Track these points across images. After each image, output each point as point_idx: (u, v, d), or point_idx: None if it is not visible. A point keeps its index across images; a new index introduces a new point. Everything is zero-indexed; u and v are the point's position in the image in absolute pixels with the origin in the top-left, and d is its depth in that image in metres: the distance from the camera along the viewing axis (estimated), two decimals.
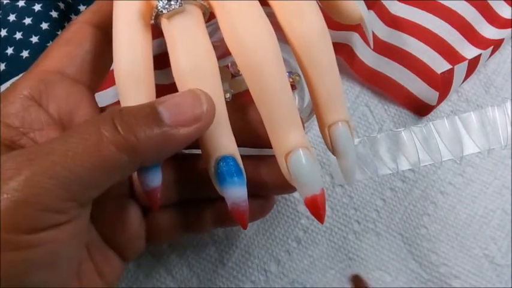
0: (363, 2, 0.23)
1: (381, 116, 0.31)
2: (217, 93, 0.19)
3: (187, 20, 0.20)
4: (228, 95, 0.28)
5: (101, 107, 0.23)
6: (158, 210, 0.23)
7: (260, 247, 0.28)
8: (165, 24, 0.20)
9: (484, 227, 0.29)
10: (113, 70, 0.21)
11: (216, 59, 0.20)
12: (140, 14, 0.21)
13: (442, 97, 0.30)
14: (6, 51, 0.28)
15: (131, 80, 0.20)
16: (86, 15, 0.23)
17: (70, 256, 0.18)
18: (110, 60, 0.21)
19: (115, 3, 0.21)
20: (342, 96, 0.20)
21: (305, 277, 0.28)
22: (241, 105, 0.22)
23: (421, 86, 0.30)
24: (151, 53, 0.21)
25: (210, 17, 0.21)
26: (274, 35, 0.19)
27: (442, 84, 0.29)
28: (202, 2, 0.20)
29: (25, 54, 0.29)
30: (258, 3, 0.20)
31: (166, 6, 0.19)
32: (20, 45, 0.29)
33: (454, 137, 0.30)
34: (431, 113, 0.31)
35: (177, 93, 0.19)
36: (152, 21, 0.20)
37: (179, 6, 0.19)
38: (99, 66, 0.23)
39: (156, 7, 0.19)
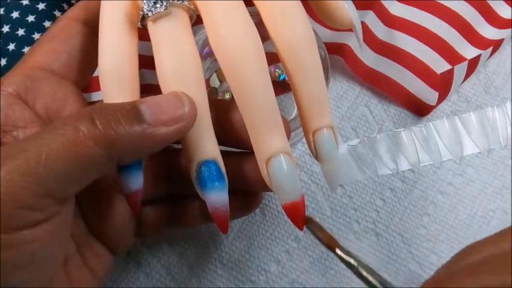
0: (353, 6, 0.23)
1: (381, 116, 0.31)
2: (200, 97, 0.19)
3: (172, 23, 0.20)
4: (227, 95, 0.28)
5: (90, 102, 0.23)
6: (138, 212, 0.23)
7: (260, 247, 0.28)
8: (150, 26, 0.20)
9: (484, 227, 0.29)
10: None
11: (200, 62, 0.20)
12: (127, 16, 0.20)
13: (442, 97, 0.30)
14: (8, 47, 0.28)
15: (115, 83, 0.20)
16: (74, 11, 0.23)
17: (52, 254, 0.18)
18: (97, 56, 0.21)
19: (102, 2, 0.21)
20: (326, 101, 0.20)
21: (305, 277, 0.28)
22: (226, 106, 0.21)
23: (421, 86, 0.30)
24: (136, 55, 0.21)
25: (197, 20, 0.21)
26: (258, 38, 0.19)
27: (442, 84, 0.29)
28: (188, 5, 0.20)
29: (27, 50, 0.29)
30: (243, 4, 0.20)
31: (152, 9, 0.19)
32: (22, 42, 0.29)
33: (453, 137, 0.30)
34: (431, 113, 0.31)
35: (159, 95, 0.19)
36: (139, 24, 0.20)
37: (164, 9, 0.19)
38: (87, 62, 0.22)
39: (142, 9, 0.19)
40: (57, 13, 0.30)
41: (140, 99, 0.18)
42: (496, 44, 0.31)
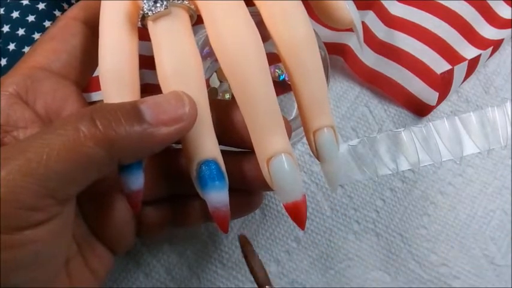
0: (354, 6, 0.23)
1: (381, 117, 0.31)
2: (200, 97, 0.19)
3: (173, 22, 0.20)
4: (227, 95, 0.28)
5: (90, 102, 0.23)
6: (139, 213, 0.23)
7: (260, 247, 0.28)
8: (151, 26, 0.20)
9: (484, 227, 0.29)
10: None
11: (201, 62, 0.20)
12: (127, 15, 0.20)
13: (442, 97, 0.30)
14: (8, 47, 0.28)
15: (115, 82, 0.20)
16: (73, 11, 0.23)
17: (54, 255, 0.18)
18: (98, 56, 0.21)
19: (102, 2, 0.21)
20: (326, 101, 0.20)
21: (305, 277, 0.28)
22: (226, 106, 0.22)
23: (421, 86, 0.30)
24: (137, 55, 0.21)
25: (197, 20, 0.21)
26: (259, 38, 0.19)
27: (442, 84, 0.29)
28: (188, 4, 0.20)
29: (27, 50, 0.29)
30: (243, 4, 0.20)
31: (152, 8, 0.19)
32: (22, 42, 0.29)
33: (454, 138, 0.30)
34: (431, 113, 0.31)
35: (159, 94, 0.19)
36: (139, 24, 0.20)
37: (165, 8, 0.19)
38: (87, 62, 0.22)
39: (142, 9, 0.19)
40: (57, 13, 0.30)
41: (141, 99, 0.18)
42: (496, 44, 0.31)
